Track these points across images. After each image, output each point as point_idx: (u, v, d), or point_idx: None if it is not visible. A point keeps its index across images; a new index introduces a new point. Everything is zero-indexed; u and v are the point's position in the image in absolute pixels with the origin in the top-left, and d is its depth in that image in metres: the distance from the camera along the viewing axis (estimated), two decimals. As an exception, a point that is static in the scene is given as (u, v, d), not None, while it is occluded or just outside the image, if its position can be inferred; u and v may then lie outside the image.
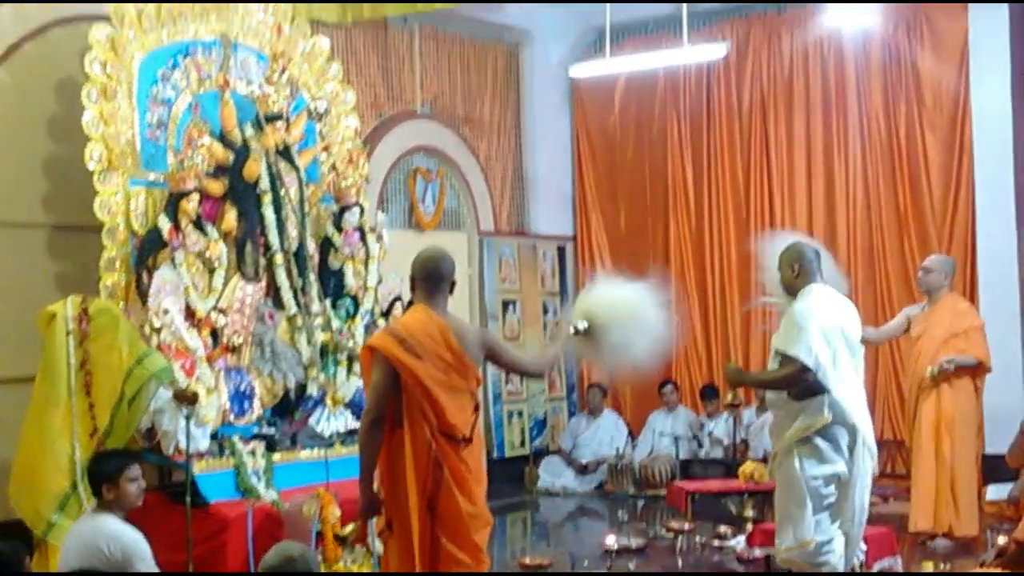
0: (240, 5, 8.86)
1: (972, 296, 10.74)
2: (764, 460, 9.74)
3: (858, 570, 6.93)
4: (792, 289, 6.66)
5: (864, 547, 6.99)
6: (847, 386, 6.52)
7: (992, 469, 9.62)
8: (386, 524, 5.58)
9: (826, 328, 6.45)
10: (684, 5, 11.03)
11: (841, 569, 6.62)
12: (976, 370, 9.02)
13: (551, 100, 13.48)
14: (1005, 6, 11.02)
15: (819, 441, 6.45)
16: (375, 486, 5.62)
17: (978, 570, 7.39)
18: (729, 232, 12.77)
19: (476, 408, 5.67)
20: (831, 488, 6.52)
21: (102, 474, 5.97)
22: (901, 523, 8.98)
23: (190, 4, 8.59)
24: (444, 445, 5.45)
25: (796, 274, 6.63)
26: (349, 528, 7.46)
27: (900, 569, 7.84)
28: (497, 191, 12.94)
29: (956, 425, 8.90)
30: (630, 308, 6.16)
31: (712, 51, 11.65)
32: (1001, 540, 7.63)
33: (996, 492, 9.57)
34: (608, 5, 10.95)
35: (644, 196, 13.24)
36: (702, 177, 12.92)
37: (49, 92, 8.68)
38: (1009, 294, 11.04)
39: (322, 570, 7.14)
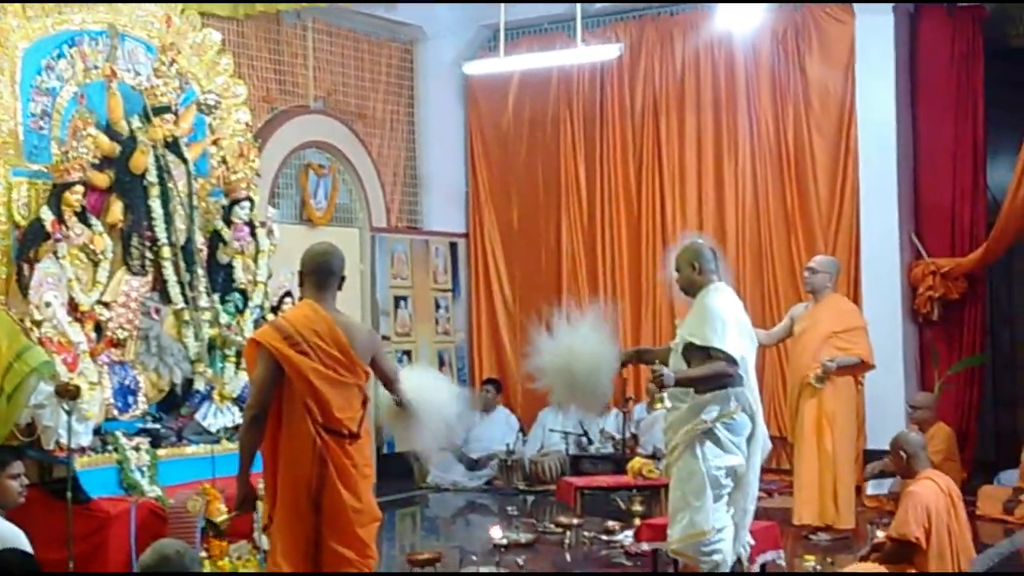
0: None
1: (855, 296, 10.87)
2: (653, 456, 9.79)
3: (744, 561, 6.91)
4: (692, 286, 6.74)
5: (751, 540, 7.00)
6: (749, 378, 6.67)
7: (872, 463, 9.77)
8: (268, 520, 5.48)
9: (739, 323, 6.62)
10: (578, 5, 11.00)
11: (729, 559, 6.68)
12: (858, 368, 9.17)
13: (445, 97, 13.45)
14: (891, 14, 11.13)
15: (723, 432, 6.55)
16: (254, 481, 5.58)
17: (855, 566, 7.45)
18: (621, 230, 12.78)
19: (364, 402, 5.63)
20: (729, 480, 6.62)
21: (-14, 469, 5.82)
22: (785, 517, 9.04)
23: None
24: (329, 441, 5.40)
25: (697, 271, 6.71)
26: (222, 518, 7.30)
27: (783, 563, 7.86)
28: (390, 187, 12.87)
29: (837, 421, 9.02)
30: (428, 395, 6.24)
31: (605, 51, 11.66)
32: (880, 534, 7.70)
33: (876, 487, 9.69)
34: (502, 4, 10.84)
35: (537, 194, 13.20)
36: (594, 176, 12.92)
37: (-71, 78, 8.44)
38: (891, 295, 11.21)
39: (206, 567, 7.01)
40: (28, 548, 5.48)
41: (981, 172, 11.35)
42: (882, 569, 7.26)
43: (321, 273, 5.63)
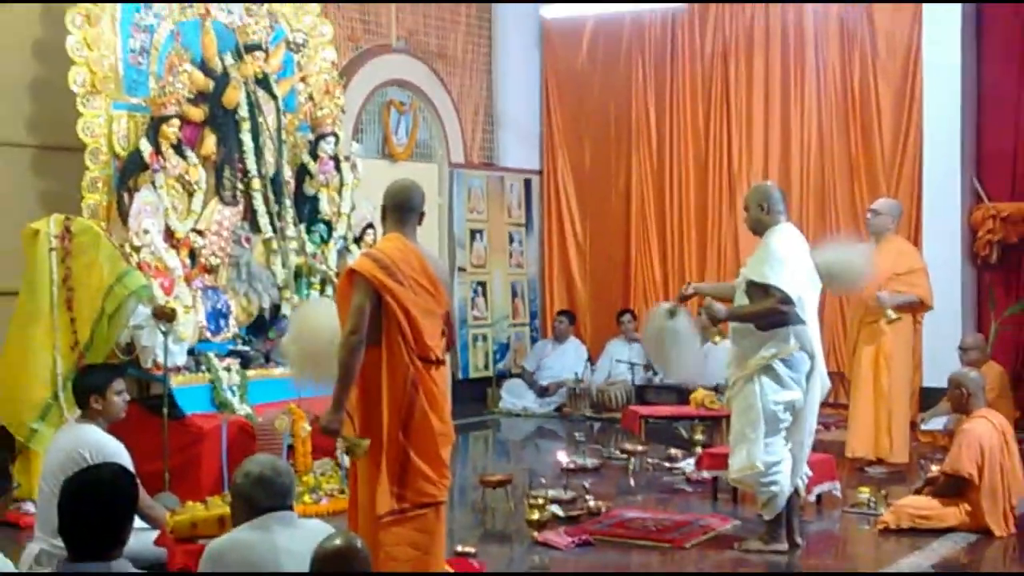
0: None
1: (916, 239, 10.78)
2: (715, 389, 9.78)
3: (802, 492, 6.94)
4: (760, 226, 6.74)
5: (808, 471, 7.03)
6: (810, 318, 6.64)
7: (929, 401, 9.72)
8: (358, 439, 5.53)
9: (799, 264, 6.60)
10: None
11: (787, 490, 6.69)
12: (917, 308, 9.08)
13: (522, 39, 13.39)
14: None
15: (782, 369, 6.56)
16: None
17: (909, 499, 7.46)
18: (688, 173, 12.76)
19: (443, 332, 5.63)
20: (787, 414, 6.64)
21: (90, 386, 5.94)
22: (841, 450, 9.01)
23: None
24: (420, 367, 5.40)
25: (766, 211, 6.71)
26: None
27: (839, 494, 7.89)
28: (468, 125, 12.87)
29: (894, 359, 8.96)
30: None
31: (677, -2, 11.58)
32: (934, 469, 7.70)
33: (934, 423, 9.61)
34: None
35: (609, 135, 13.17)
36: (664, 119, 12.87)
37: (35, 16, 8.58)
38: (951, 238, 11.09)
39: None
40: (128, 460, 5.62)
41: (1044, 119, 11.21)
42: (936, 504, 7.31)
43: (403, 208, 5.61)
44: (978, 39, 11.26)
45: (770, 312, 6.48)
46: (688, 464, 8.71)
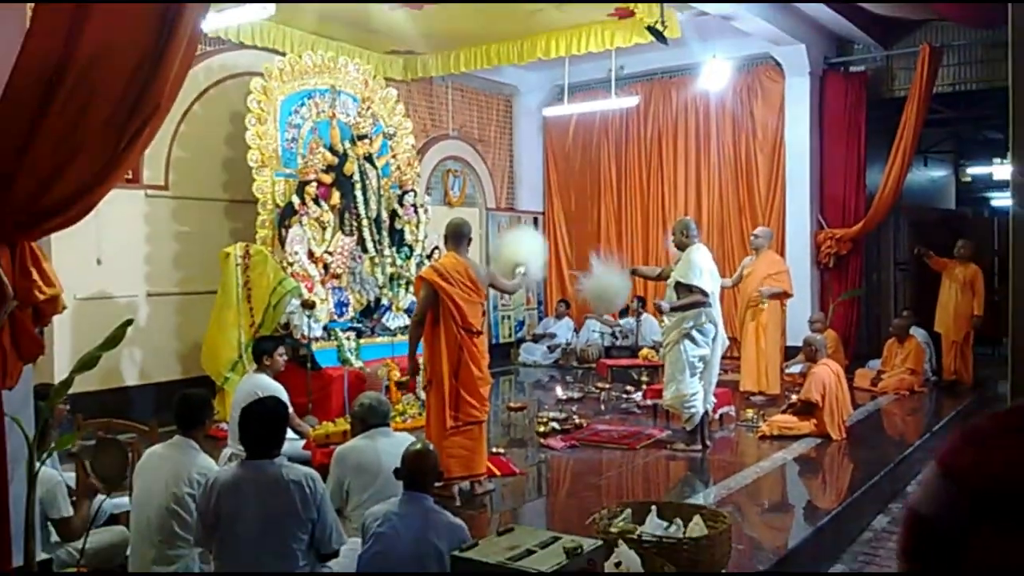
0: (342, 66, 8.75)
1: (782, 252, 10.69)
2: (654, 347, 9.75)
3: (709, 412, 6.93)
4: (683, 245, 6.80)
5: (713, 399, 7.03)
6: (715, 303, 6.69)
7: (790, 354, 9.69)
8: (427, 382, 5.56)
9: (709, 268, 6.68)
10: (612, 71, 10.91)
11: (700, 410, 6.74)
12: (783, 296, 9.06)
13: (531, 129, 13.33)
14: (807, 76, 10.91)
15: (697, 334, 6.62)
16: (419, 359, 5.63)
17: (778, 416, 7.42)
18: (636, 213, 12.70)
19: (483, 313, 5.65)
20: (701, 363, 6.70)
21: (263, 350, 6.02)
22: (735, 386, 8.96)
23: (312, 66, 8.47)
24: (464, 336, 5.45)
25: (686, 236, 6.80)
26: (403, 379, 7.46)
27: (734, 413, 7.85)
28: (498, 183, 12.84)
29: (769, 328, 8.95)
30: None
31: (629, 101, 11.52)
32: (794, 397, 7.69)
33: (794, 368, 9.61)
34: (566, 69, 10.76)
35: (585, 189, 13.13)
36: (621, 178, 12.81)
37: (226, 119, 8.65)
38: (804, 251, 11.02)
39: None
40: (286, 396, 5.64)
41: (863, 176, 11.09)
42: (795, 419, 7.28)
43: (457, 236, 5.66)
44: (820, 127, 11.19)
45: (695, 304, 6.53)
46: (638, 395, 8.68)
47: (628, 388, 9.15)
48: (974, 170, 16.97)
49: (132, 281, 8.06)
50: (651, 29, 8.48)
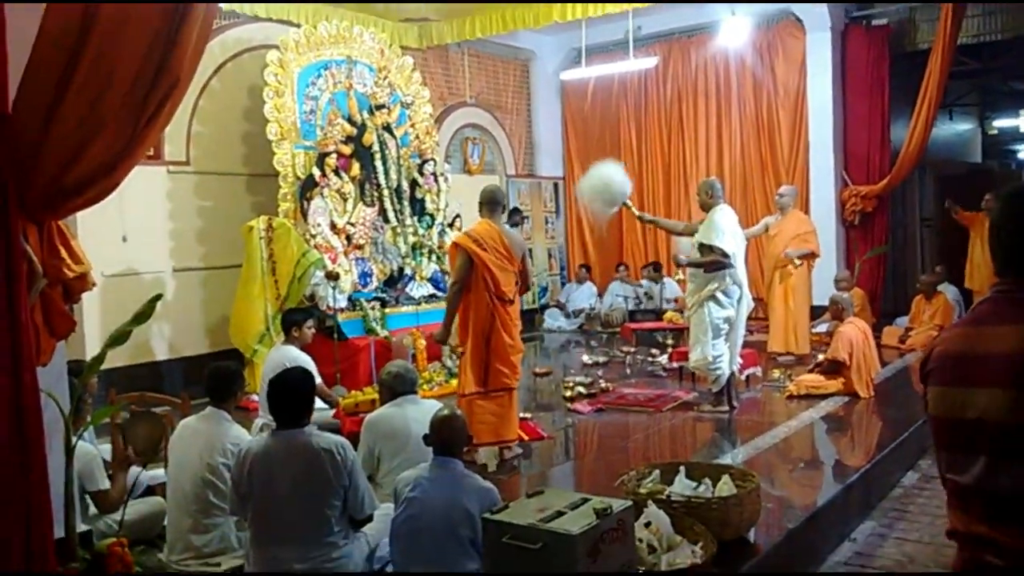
0: (357, 36, 8.72)
1: (807, 210, 10.61)
2: (679, 311, 9.73)
3: (736, 374, 6.90)
4: (706, 206, 6.71)
5: (740, 360, 7.01)
6: (738, 264, 6.60)
7: (817, 313, 9.64)
8: (460, 347, 5.57)
9: (731, 230, 6.57)
10: (630, 32, 10.81)
11: (727, 372, 6.71)
12: (810, 256, 8.99)
13: (549, 94, 13.21)
14: (829, 31, 10.74)
15: (722, 296, 6.57)
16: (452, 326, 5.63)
17: (806, 375, 7.40)
18: (658, 173, 12.58)
19: (517, 281, 5.63)
20: (726, 325, 6.64)
21: (292, 322, 6.06)
22: (762, 347, 8.94)
23: (327, 37, 8.44)
24: (497, 304, 5.46)
25: (710, 196, 6.69)
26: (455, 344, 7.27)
27: (760, 373, 7.84)
28: (517, 149, 12.77)
29: (796, 289, 8.90)
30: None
31: (647, 62, 11.38)
32: (821, 356, 7.66)
33: (821, 327, 9.55)
34: (583, 32, 10.64)
35: (605, 152, 12.84)
36: (641, 140, 12.69)
37: (244, 93, 8.66)
38: (829, 209, 10.94)
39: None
40: (314, 367, 5.68)
41: (887, 132, 10.95)
42: (822, 379, 7.26)
43: (492, 202, 5.63)
44: (843, 83, 11.04)
45: (714, 263, 6.48)
46: (663, 358, 8.68)
47: (653, 351, 9.15)
48: (1000, 123, 16.66)
49: (158, 257, 8.12)
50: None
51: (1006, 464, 1.80)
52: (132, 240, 7.84)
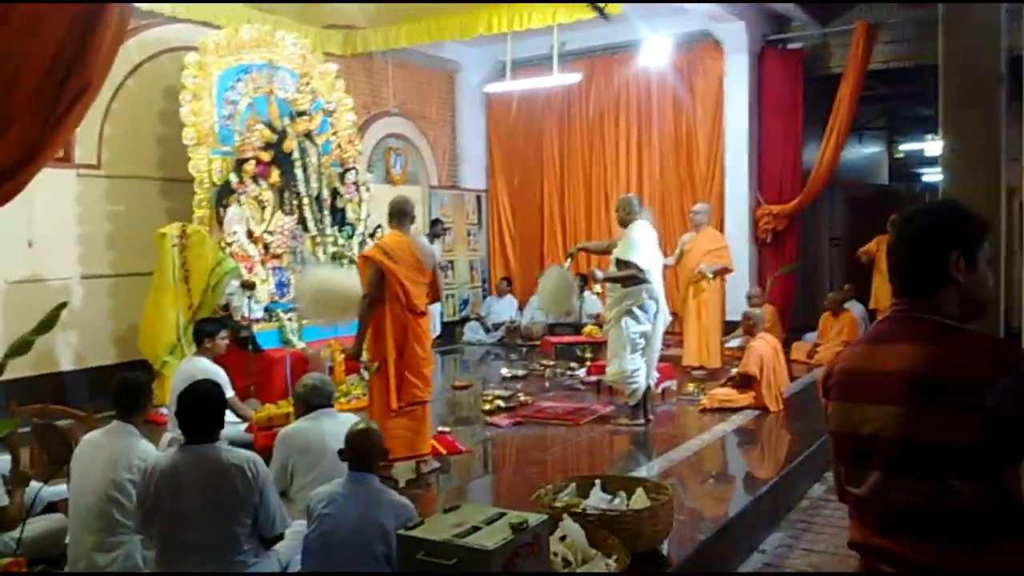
0: (279, 40, 8.60)
1: (721, 228, 10.85)
2: (597, 325, 9.83)
3: (652, 387, 7.01)
4: (624, 222, 6.80)
5: (656, 374, 7.11)
6: (655, 279, 6.71)
7: (730, 329, 9.85)
8: (370, 362, 5.50)
9: (647, 246, 6.67)
10: (554, 48, 10.91)
11: (643, 386, 6.80)
12: (723, 272, 9.19)
13: (473, 106, 13.24)
14: (746, 53, 11.03)
15: (638, 311, 6.66)
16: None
17: (718, 389, 7.56)
18: (579, 188, 12.70)
19: (427, 293, 5.59)
20: (642, 339, 6.73)
21: (205, 333, 5.93)
22: (677, 360, 9.09)
23: (249, 40, 8.30)
24: (409, 316, 5.41)
25: (628, 213, 6.79)
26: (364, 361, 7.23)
27: (675, 387, 7.97)
28: (440, 161, 12.74)
29: (709, 304, 9.08)
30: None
31: (571, 78, 11.49)
32: (733, 371, 7.82)
33: (733, 342, 9.76)
34: (508, 45, 10.71)
35: (528, 166, 13.11)
36: (564, 155, 12.81)
37: (160, 95, 8.46)
38: (743, 227, 11.19)
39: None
40: (227, 380, 5.58)
41: (799, 153, 11.27)
42: (734, 392, 7.42)
43: (401, 213, 5.59)
44: (758, 104, 11.34)
45: (630, 278, 6.57)
46: (582, 372, 8.76)
47: (572, 365, 9.22)
48: (907, 146, 17.38)
49: (65, 263, 7.85)
50: (593, 4, 8.48)
51: (898, 479, 1.88)
52: (38, 245, 7.57)
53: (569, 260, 7.42)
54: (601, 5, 8.44)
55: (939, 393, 1.82)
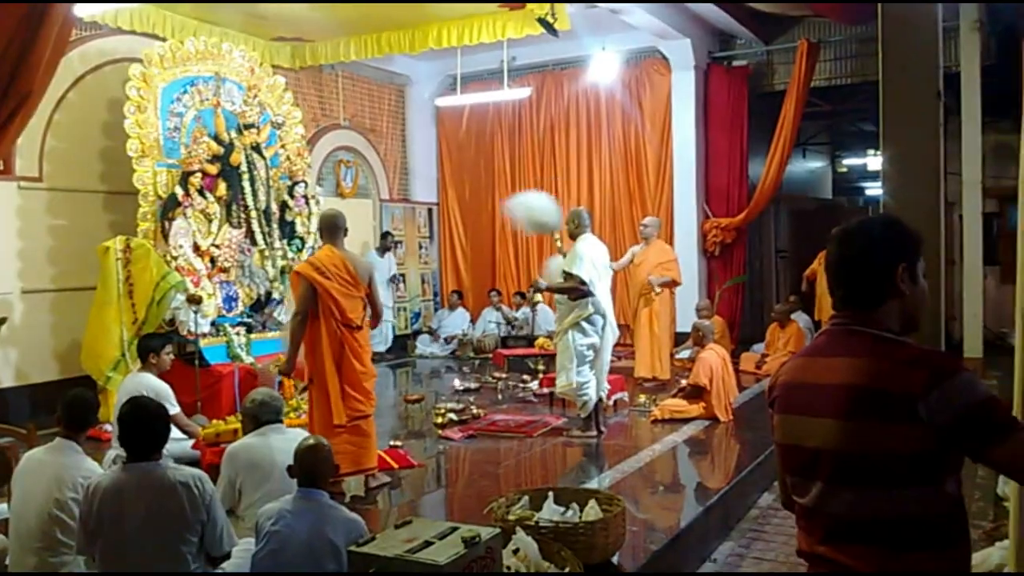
0: (226, 53, 8.50)
1: (670, 240, 10.97)
2: (548, 336, 9.85)
3: (603, 399, 7.04)
4: (574, 235, 6.86)
5: (607, 386, 7.14)
6: (602, 293, 6.73)
7: (680, 340, 9.94)
8: (308, 379, 5.42)
9: (593, 258, 6.69)
10: (504, 62, 10.96)
11: (594, 397, 6.83)
12: (672, 284, 9.27)
13: (424, 119, 13.24)
14: (692, 71, 11.18)
15: (585, 324, 6.68)
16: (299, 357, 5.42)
17: (669, 400, 7.62)
18: (530, 201, 12.74)
19: (364, 306, 5.49)
20: (591, 352, 6.76)
21: (150, 348, 5.79)
22: (629, 372, 9.14)
23: (194, 52, 8.19)
24: (344, 331, 5.33)
25: (577, 226, 6.85)
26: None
27: (627, 399, 8.01)
28: (391, 174, 12.69)
29: (660, 315, 9.13)
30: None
31: (521, 92, 11.58)
32: (684, 382, 7.89)
33: (683, 353, 9.84)
34: (459, 59, 10.73)
35: (480, 179, 13.13)
36: (515, 169, 12.86)
37: (103, 107, 8.32)
38: (691, 240, 11.34)
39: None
40: (172, 396, 5.47)
41: (745, 167, 11.47)
42: (685, 403, 7.48)
43: (332, 228, 5.49)
44: (705, 120, 11.51)
45: (573, 289, 6.61)
46: (534, 384, 8.77)
47: (524, 377, 9.22)
48: (849, 161, 17.79)
49: (5, 278, 7.67)
50: (541, 21, 8.55)
51: (840, 489, 1.91)
52: (-24, 259, 7.37)
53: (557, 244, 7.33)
54: (550, 21, 8.50)
55: (876, 405, 1.84)
